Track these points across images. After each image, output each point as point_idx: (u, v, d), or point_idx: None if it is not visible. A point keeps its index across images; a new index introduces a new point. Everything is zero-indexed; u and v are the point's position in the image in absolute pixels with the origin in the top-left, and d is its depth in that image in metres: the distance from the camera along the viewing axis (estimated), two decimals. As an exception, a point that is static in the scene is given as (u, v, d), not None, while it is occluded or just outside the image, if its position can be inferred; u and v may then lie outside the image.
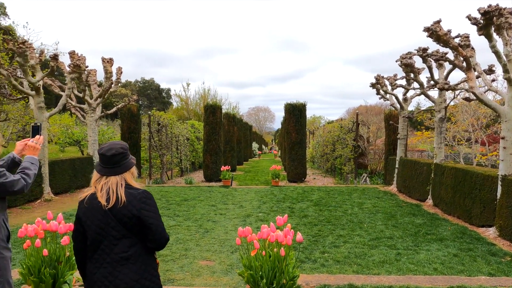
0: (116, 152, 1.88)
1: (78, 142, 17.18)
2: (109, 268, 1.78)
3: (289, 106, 15.07)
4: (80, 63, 10.30)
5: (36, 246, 2.97)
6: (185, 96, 29.74)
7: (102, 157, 1.88)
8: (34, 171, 2.14)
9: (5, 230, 2.10)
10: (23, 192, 2.10)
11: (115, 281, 1.76)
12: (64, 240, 2.99)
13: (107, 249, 1.80)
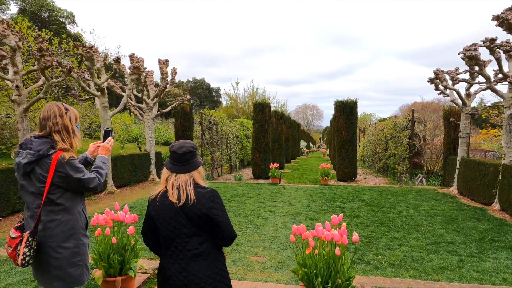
0: (187, 150, 1.97)
1: (136, 139, 18.32)
2: (183, 264, 1.88)
3: (339, 103, 14.71)
4: (139, 65, 10.97)
5: (106, 234, 3.24)
6: (234, 95, 30.34)
7: (173, 155, 1.97)
8: (106, 170, 2.30)
9: (84, 218, 2.28)
10: (96, 189, 2.24)
11: (189, 277, 1.86)
12: (130, 229, 3.23)
13: (180, 246, 1.89)
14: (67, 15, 37.32)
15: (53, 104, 2.19)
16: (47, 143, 2.09)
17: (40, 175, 2.05)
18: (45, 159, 2.06)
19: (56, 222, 2.12)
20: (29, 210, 2.17)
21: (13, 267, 3.82)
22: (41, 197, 2.07)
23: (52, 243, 2.12)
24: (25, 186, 2.12)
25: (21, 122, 7.93)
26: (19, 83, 7.75)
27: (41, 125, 2.14)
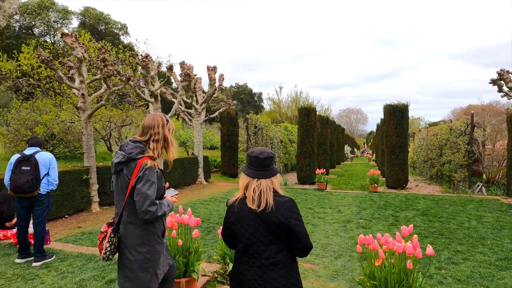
0: (268, 156, 1.99)
1: (184, 144, 18.97)
2: (259, 272, 1.88)
3: (389, 107, 14.16)
4: (190, 72, 11.37)
5: (172, 236, 3.36)
6: (278, 99, 30.38)
7: (255, 160, 1.97)
8: (166, 211, 2.28)
9: (161, 226, 2.33)
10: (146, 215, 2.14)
11: (264, 285, 1.87)
12: (194, 233, 3.33)
13: (257, 254, 1.89)
14: (121, 26, 39.79)
15: (156, 115, 2.36)
16: (138, 148, 2.23)
17: (126, 176, 2.20)
18: (132, 162, 2.19)
19: (134, 225, 2.22)
20: (117, 207, 2.34)
21: (85, 263, 4.11)
22: (124, 197, 2.21)
23: (128, 245, 2.22)
24: (116, 183, 2.31)
25: (85, 127, 8.54)
26: (84, 91, 8.37)
27: (143, 131, 2.30)
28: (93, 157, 8.69)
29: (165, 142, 2.30)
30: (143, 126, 2.32)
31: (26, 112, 13.08)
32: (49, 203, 4.38)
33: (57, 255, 4.38)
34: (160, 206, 2.20)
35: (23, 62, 11.32)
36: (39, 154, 4.38)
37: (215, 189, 12.97)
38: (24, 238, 4.28)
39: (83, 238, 6.36)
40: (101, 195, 9.00)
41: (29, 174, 4.17)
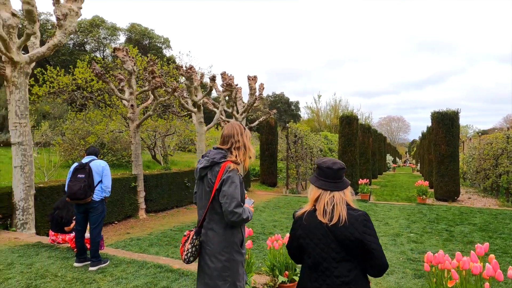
0: (341, 166, 1.89)
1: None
2: None
3: (437, 114, 13.44)
4: (231, 82, 11.55)
5: None
6: (316, 108, 30.03)
7: (328, 171, 1.87)
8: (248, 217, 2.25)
9: (240, 235, 2.31)
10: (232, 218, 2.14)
11: None
12: (248, 244, 3.29)
13: (327, 271, 1.78)
14: (164, 40, 41.61)
15: (234, 124, 2.42)
16: (221, 153, 2.30)
17: (210, 180, 2.24)
18: (216, 166, 2.24)
19: (214, 232, 2.23)
20: (199, 213, 2.36)
21: (137, 270, 4.21)
22: (207, 202, 2.24)
23: (209, 251, 2.23)
24: (198, 190, 2.36)
25: (134, 137, 8.92)
26: (133, 102, 8.76)
27: (224, 140, 2.36)
28: (140, 165, 9.03)
29: (245, 149, 2.36)
30: (223, 136, 2.38)
31: (79, 122, 13.97)
32: (103, 209, 4.56)
33: (111, 261, 4.53)
34: (244, 209, 2.22)
35: (78, 76, 12.12)
36: (93, 162, 4.59)
37: (255, 198, 12.94)
38: (81, 243, 4.49)
39: (132, 244, 6.58)
40: (147, 202, 9.30)
41: (83, 182, 4.38)
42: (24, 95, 6.32)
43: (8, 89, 6.21)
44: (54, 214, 5.30)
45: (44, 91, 12.01)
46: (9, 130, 6.40)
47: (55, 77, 12.25)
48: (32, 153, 6.53)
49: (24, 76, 6.31)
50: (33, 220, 6.40)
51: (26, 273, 4.03)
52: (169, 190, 10.08)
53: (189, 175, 10.83)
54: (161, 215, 9.48)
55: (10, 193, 6.26)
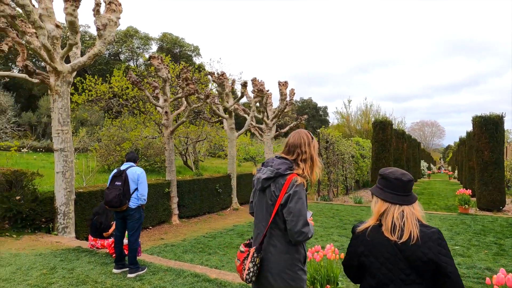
0: (411, 178, 1.72)
1: (253, 158, 19.20)
2: None
3: (479, 119, 12.69)
4: (262, 88, 11.51)
5: None
6: (346, 113, 29.41)
7: (397, 182, 1.69)
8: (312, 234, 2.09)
9: (303, 251, 2.14)
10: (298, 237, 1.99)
11: None
12: None
13: None
14: (194, 48, 42.54)
15: (301, 132, 2.19)
16: (285, 164, 2.09)
17: (273, 193, 2.04)
18: (281, 178, 2.04)
19: (277, 249, 2.05)
20: (257, 227, 2.17)
21: (175, 278, 4.17)
22: (269, 216, 2.06)
23: (272, 269, 2.05)
24: (258, 202, 2.15)
25: (168, 143, 9.04)
26: (167, 109, 8.89)
27: (289, 150, 2.14)
28: (174, 171, 9.12)
29: (312, 161, 2.13)
30: (289, 145, 2.16)
31: (115, 129, 14.43)
32: (140, 216, 4.56)
33: (149, 268, 4.53)
34: (310, 228, 2.04)
35: (114, 84, 12.53)
36: (130, 169, 4.59)
37: (286, 205, 12.75)
38: (120, 249, 4.52)
39: (167, 250, 6.61)
40: (180, 208, 9.37)
41: (118, 190, 4.39)
42: (66, 103, 6.55)
43: (51, 98, 6.46)
44: (94, 220, 5.41)
45: (83, 99, 12.53)
46: (51, 136, 6.64)
47: (93, 86, 12.75)
48: (73, 159, 6.74)
49: (67, 85, 6.55)
50: (73, 224, 6.58)
51: (68, 278, 4.10)
52: (201, 196, 10.11)
53: (220, 181, 10.83)
54: (194, 221, 9.52)
55: (52, 198, 6.48)
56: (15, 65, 29.23)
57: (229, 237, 7.70)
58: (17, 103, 26.16)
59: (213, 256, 6.24)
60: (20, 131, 22.03)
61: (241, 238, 7.62)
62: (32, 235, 6.12)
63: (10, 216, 6.01)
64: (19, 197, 6.11)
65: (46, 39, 5.94)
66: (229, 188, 11.24)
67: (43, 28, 5.93)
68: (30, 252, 5.17)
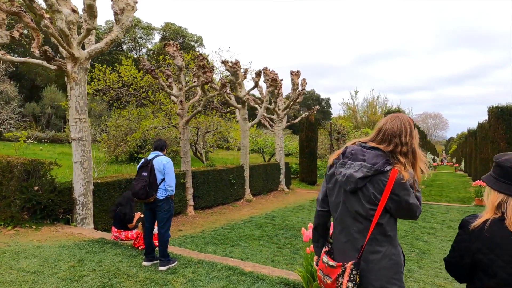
0: None
1: (261, 150, 19.01)
2: None
3: (495, 109, 12.52)
4: (276, 77, 11.26)
5: None
6: (353, 104, 29.14)
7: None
8: None
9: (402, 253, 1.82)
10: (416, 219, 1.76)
11: None
12: None
13: None
14: (197, 39, 42.02)
15: (403, 118, 1.78)
16: (381, 157, 1.68)
17: (372, 195, 1.64)
18: (381, 176, 1.64)
19: (380, 255, 1.68)
20: (345, 233, 1.76)
21: (209, 272, 4.01)
22: (366, 221, 1.68)
23: (375, 282, 1.68)
24: (346, 203, 1.73)
25: (183, 133, 8.83)
26: (182, 98, 8.67)
27: (383, 138, 1.73)
28: (189, 162, 8.94)
29: (414, 155, 1.72)
30: (385, 131, 1.73)
31: (123, 119, 14.21)
32: (169, 208, 4.37)
33: (179, 260, 4.37)
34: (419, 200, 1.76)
35: (124, 74, 12.27)
36: (156, 159, 4.39)
37: (298, 196, 12.62)
38: (150, 240, 4.36)
39: (188, 242, 6.46)
40: (195, 199, 9.21)
41: (144, 181, 4.21)
42: (84, 91, 6.34)
43: (68, 85, 6.25)
44: (117, 211, 5.24)
45: (92, 88, 12.29)
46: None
47: (102, 75, 12.50)
48: (90, 149, 6.56)
49: (84, 72, 6.33)
50: (91, 215, 6.43)
51: (98, 271, 3.94)
52: (215, 187, 9.96)
53: (234, 172, 10.66)
54: (209, 212, 9.38)
55: (71, 188, 6.31)
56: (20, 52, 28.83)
57: (248, 229, 7.55)
58: (20, 93, 25.88)
59: (236, 248, 6.10)
60: (25, 121, 21.82)
61: (261, 229, 7.48)
62: (51, 226, 5.96)
63: (29, 207, 5.84)
64: (37, 187, 5.94)
65: (63, 23, 5.70)
66: (242, 179, 11.08)
67: (60, 12, 5.69)
68: (53, 244, 5.01)
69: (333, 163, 1.84)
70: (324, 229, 2.00)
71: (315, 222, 2.00)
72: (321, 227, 1.99)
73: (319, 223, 1.98)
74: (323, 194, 1.93)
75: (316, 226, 2.00)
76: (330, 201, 1.86)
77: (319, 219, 1.97)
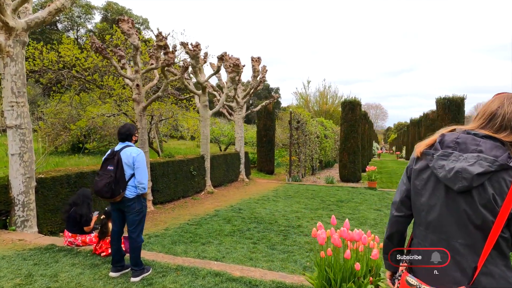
0: None
1: (217, 139, 18.38)
2: None
3: (443, 100, 13.27)
4: (238, 63, 10.69)
5: (346, 258, 2.55)
6: (305, 94, 29.50)
7: None
8: None
9: None
10: None
11: None
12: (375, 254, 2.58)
13: None
14: (143, 21, 39.36)
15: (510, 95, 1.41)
16: (501, 149, 1.29)
17: (493, 197, 1.24)
18: (504, 173, 1.25)
19: (495, 280, 1.28)
20: (446, 245, 1.35)
21: (192, 280, 3.48)
22: (480, 232, 1.27)
23: None
24: (451, 206, 1.33)
25: (140, 121, 7.97)
26: (139, 81, 7.77)
27: (502, 125, 1.34)
28: (147, 153, 8.12)
29: None
30: (504, 117, 1.34)
31: (64, 105, 12.65)
32: (141, 208, 3.71)
33: (153, 268, 3.77)
34: None
35: (65, 53, 10.82)
36: (124, 150, 3.68)
37: (259, 186, 12.32)
38: (117, 247, 3.68)
39: (152, 242, 5.78)
40: (153, 193, 8.44)
41: (110, 176, 3.51)
42: (22, 69, 5.27)
43: (1, 61, 5.13)
44: (71, 212, 4.43)
45: (27, 69, 10.60)
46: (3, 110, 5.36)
47: (37, 54, 10.87)
48: (32, 138, 5.52)
49: (21, 46, 5.25)
50: (34, 216, 5.45)
51: (54, 288, 3.21)
52: (175, 179, 9.23)
53: (194, 163, 10.00)
54: (169, 207, 8.66)
55: (7, 186, 5.27)
56: None
57: (216, 224, 7.05)
58: None
59: (208, 247, 5.58)
60: None
61: (230, 224, 7.02)
62: (-17, 233, 4.92)
63: (-48, 210, 4.74)
64: (-38, 186, 4.84)
65: (-7, -17, 4.61)
66: (203, 171, 10.46)
67: (-12, -32, 4.58)
68: (-13, 256, 4.08)
69: (424, 154, 1.43)
70: (401, 239, 1.61)
71: (390, 230, 1.60)
72: (397, 236, 1.60)
73: (396, 231, 1.59)
74: (402, 195, 1.53)
75: (390, 235, 1.61)
76: (418, 203, 1.45)
77: (396, 226, 1.58)
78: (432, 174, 1.38)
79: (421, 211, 1.43)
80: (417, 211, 1.46)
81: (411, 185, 1.48)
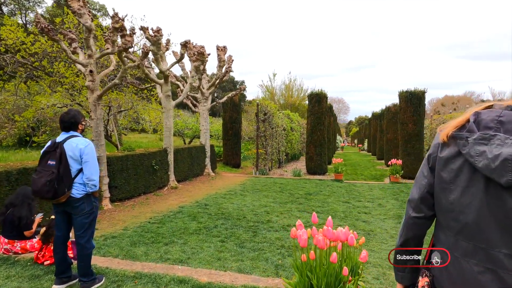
0: None
1: (181, 132, 17.68)
2: None
3: (405, 93, 13.55)
4: (203, 51, 10.15)
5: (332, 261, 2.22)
6: (271, 86, 29.32)
7: None
8: None
9: None
10: None
11: None
12: (363, 256, 2.28)
13: None
14: (100, 7, 37.09)
15: None
16: None
17: None
18: None
19: None
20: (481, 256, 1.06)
21: (153, 288, 3.04)
22: None
23: None
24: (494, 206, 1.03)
25: (94, 111, 7.25)
26: (93, 67, 7.04)
27: None
28: (103, 146, 7.43)
29: None
30: None
31: (8, 95, 11.42)
32: (91, 209, 3.18)
33: (107, 276, 3.27)
34: None
35: (8, 36, 9.68)
36: (69, 141, 3.12)
37: (226, 180, 11.91)
38: (62, 255, 3.14)
39: (108, 244, 5.21)
40: (111, 190, 7.78)
41: (51, 173, 2.96)
42: None
43: None
44: (7, 214, 3.78)
45: (-40, 52, 9.34)
46: None
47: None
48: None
49: None
50: (-35, 220, 4.68)
51: (-20, 309, 2.64)
52: (136, 174, 8.60)
53: (156, 157, 9.39)
54: (129, 204, 8.02)
55: None
56: None
57: (180, 221, 6.58)
58: None
59: (172, 247, 5.12)
60: None
61: (196, 221, 6.58)
62: None
63: None
64: None
65: None
66: (165, 165, 9.87)
67: None
68: None
69: (453, 137, 1.12)
70: (418, 245, 1.29)
71: (405, 235, 1.29)
72: (414, 242, 1.28)
73: (413, 236, 1.27)
74: (423, 190, 1.21)
75: (405, 241, 1.29)
76: (445, 200, 1.14)
77: (413, 230, 1.26)
78: (466, 164, 1.08)
79: (450, 212, 1.13)
80: (444, 211, 1.15)
81: (434, 178, 1.17)
